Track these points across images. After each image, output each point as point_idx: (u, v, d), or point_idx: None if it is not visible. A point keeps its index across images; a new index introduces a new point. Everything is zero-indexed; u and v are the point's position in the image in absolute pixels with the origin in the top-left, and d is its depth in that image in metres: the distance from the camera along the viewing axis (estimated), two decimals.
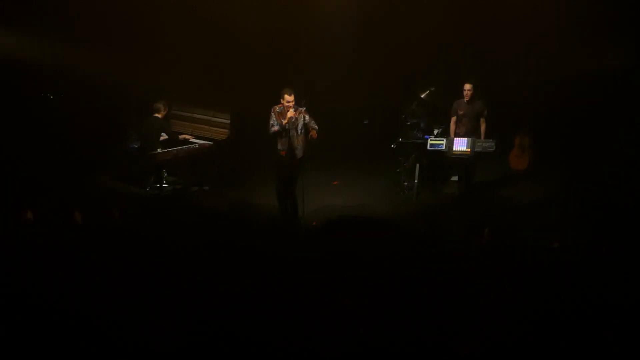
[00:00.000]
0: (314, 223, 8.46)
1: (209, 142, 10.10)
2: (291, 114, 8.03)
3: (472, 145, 9.07)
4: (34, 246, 5.34)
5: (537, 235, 6.78)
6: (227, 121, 10.27)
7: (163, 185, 9.80)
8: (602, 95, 10.08)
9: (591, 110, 10.10)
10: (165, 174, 9.90)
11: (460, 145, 9.14)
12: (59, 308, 4.19)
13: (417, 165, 9.61)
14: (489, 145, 9.06)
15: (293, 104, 8.04)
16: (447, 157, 9.33)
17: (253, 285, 4.76)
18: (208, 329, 4.01)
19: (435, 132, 9.94)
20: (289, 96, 8.03)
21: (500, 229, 6.82)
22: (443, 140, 9.25)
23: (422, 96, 10.25)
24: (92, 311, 4.18)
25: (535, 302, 4.41)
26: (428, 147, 9.32)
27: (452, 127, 9.49)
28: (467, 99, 9.25)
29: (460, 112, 9.37)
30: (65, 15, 10.34)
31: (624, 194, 8.28)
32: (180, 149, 9.69)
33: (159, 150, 9.56)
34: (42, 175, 9.09)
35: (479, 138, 9.19)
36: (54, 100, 10.91)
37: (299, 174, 8.32)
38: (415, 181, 9.59)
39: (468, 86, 9.20)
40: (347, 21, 10.75)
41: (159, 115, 9.63)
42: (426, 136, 9.64)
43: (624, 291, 4.57)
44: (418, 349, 3.88)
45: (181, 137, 9.96)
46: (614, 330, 3.96)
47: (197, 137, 10.12)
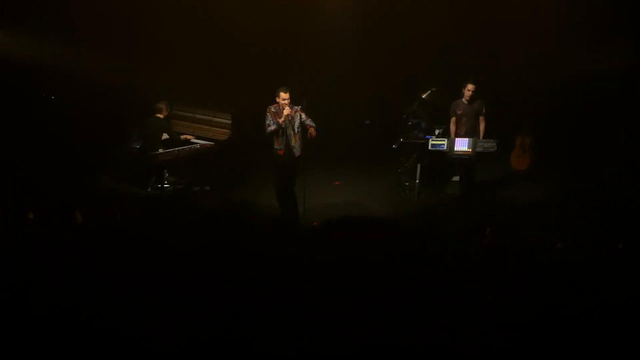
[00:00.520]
0: (315, 223, 8.46)
1: (210, 143, 10.10)
2: (287, 111, 8.02)
3: (473, 145, 9.06)
4: (34, 246, 5.33)
5: (538, 235, 6.77)
6: (229, 121, 10.28)
7: (164, 186, 9.82)
8: (603, 95, 10.08)
9: (592, 111, 10.10)
10: (167, 174, 9.93)
11: (462, 145, 9.14)
12: (59, 308, 4.18)
13: (418, 166, 9.61)
14: (490, 145, 9.07)
15: (289, 101, 8.03)
16: (448, 158, 9.33)
17: (253, 285, 4.75)
18: (208, 329, 4.00)
19: (437, 132, 9.94)
20: (284, 93, 8.03)
21: (502, 229, 6.80)
22: (444, 141, 9.26)
23: (423, 96, 10.23)
24: (92, 311, 4.17)
25: (536, 302, 4.41)
26: (429, 147, 9.32)
27: (452, 127, 9.49)
28: (467, 99, 9.25)
29: (459, 112, 9.36)
30: (66, 15, 10.37)
31: (625, 194, 8.27)
32: (182, 149, 9.69)
33: (161, 150, 9.56)
34: (43, 175, 9.09)
35: (479, 137, 9.19)
36: (55, 100, 10.91)
37: (298, 172, 8.31)
38: (417, 181, 9.59)
39: (472, 87, 9.18)
40: (347, 21, 10.78)
41: (161, 116, 9.64)
42: (427, 136, 9.65)
43: (624, 291, 4.56)
44: (419, 349, 3.87)
45: (182, 137, 9.97)
46: (614, 331, 3.95)
47: (198, 138, 10.13)
